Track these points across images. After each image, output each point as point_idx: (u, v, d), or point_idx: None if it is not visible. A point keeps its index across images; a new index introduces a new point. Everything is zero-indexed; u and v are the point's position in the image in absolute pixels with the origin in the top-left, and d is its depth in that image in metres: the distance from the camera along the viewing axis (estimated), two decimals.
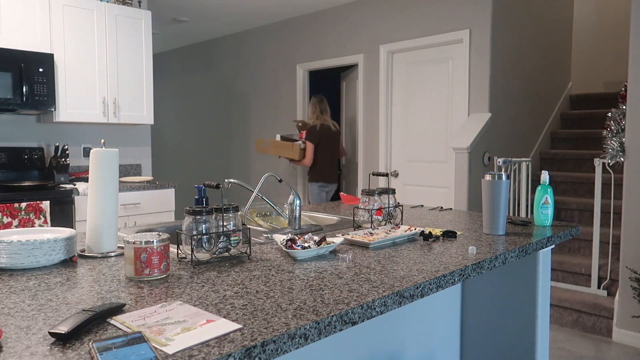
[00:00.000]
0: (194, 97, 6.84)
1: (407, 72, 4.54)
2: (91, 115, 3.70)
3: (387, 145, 4.68)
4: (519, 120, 4.46)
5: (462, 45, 4.12)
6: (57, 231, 1.43)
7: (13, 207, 3.01)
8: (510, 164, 3.95)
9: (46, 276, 1.22)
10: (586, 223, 3.98)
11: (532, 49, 4.55)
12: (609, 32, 5.60)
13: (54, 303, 1.02)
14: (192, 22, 5.61)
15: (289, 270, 1.28)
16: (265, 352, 0.84)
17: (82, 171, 3.92)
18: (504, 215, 1.79)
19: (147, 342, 0.81)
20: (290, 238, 1.46)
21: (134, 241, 1.19)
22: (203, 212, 1.35)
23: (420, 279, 1.22)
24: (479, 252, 1.49)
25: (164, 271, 1.22)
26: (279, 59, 5.60)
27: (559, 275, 3.73)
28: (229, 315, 0.95)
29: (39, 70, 3.36)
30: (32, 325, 0.90)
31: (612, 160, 3.23)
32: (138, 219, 3.64)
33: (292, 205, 1.89)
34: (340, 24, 4.98)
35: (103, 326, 0.90)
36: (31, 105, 3.36)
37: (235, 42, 6.11)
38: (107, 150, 1.43)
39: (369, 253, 1.49)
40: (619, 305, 3.17)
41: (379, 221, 1.87)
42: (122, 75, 3.86)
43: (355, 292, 1.11)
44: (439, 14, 4.24)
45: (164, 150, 7.26)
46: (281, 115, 5.63)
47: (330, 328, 0.96)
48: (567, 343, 3.19)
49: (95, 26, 3.70)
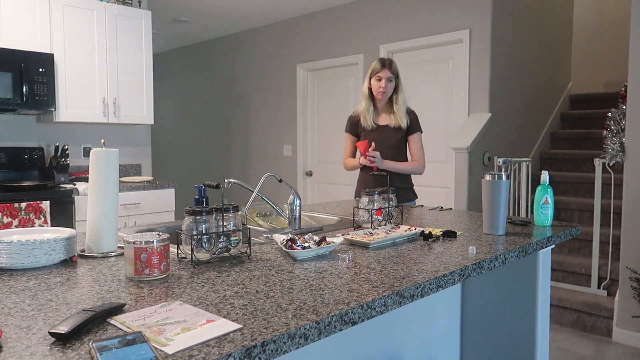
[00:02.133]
0: (194, 97, 6.84)
1: (407, 72, 4.54)
2: (91, 115, 3.70)
3: None
4: (519, 120, 4.46)
5: (462, 45, 4.12)
6: (57, 231, 1.43)
7: (13, 207, 3.01)
8: (510, 164, 3.95)
9: (46, 276, 1.22)
10: (586, 223, 3.98)
11: (532, 49, 4.55)
12: (609, 32, 5.60)
13: (54, 303, 1.02)
14: (192, 22, 5.61)
15: (289, 270, 1.28)
16: (265, 352, 0.84)
17: (82, 171, 3.92)
18: (504, 215, 1.79)
19: (147, 342, 0.81)
20: (290, 238, 1.46)
21: (134, 241, 1.19)
22: (203, 212, 1.35)
23: (420, 279, 1.22)
24: (479, 252, 1.49)
25: (164, 271, 1.22)
26: (279, 59, 5.60)
27: (559, 275, 3.73)
28: (229, 315, 0.95)
29: (39, 70, 3.36)
30: (32, 325, 0.90)
31: (612, 160, 3.23)
32: (138, 219, 3.64)
33: (292, 205, 1.89)
34: (340, 24, 4.98)
35: (103, 326, 0.90)
36: (31, 105, 3.36)
37: (235, 42, 6.11)
38: (107, 150, 1.43)
39: (369, 253, 1.49)
40: (619, 305, 3.17)
41: (379, 221, 1.87)
42: (122, 75, 3.86)
43: (355, 292, 1.11)
44: (439, 14, 4.24)
45: (164, 150, 7.26)
46: (281, 115, 5.63)
47: (330, 328, 0.96)
48: (567, 343, 3.19)
49: (95, 26, 3.70)
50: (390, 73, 2.69)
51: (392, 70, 2.69)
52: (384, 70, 2.68)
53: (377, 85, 2.70)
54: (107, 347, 0.78)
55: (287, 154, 5.59)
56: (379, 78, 2.69)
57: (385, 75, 2.68)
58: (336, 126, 5.18)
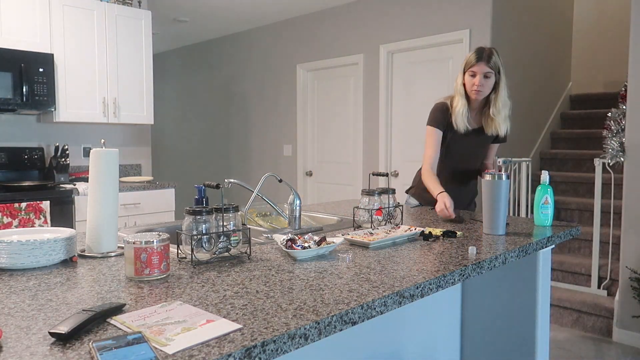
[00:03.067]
0: (194, 97, 6.84)
1: (407, 72, 4.54)
2: (91, 115, 3.70)
3: (387, 145, 4.67)
4: (519, 120, 4.45)
5: (462, 45, 4.12)
6: (57, 231, 1.43)
7: (13, 207, 3.01)
8: (510, 164, 3.95)
9: (46, 276, 1.22)
10: (586, 223, 3.98)
11: (532, 49, 4.55)
12: (609, 32, 5.60)
13: (54, 303, 1.02)
14: (192, 22, 5.61)
15: (289, 270, 1.28)
16: (265, 352, 0.84)
17: (82, 171, 3.92)
18: (504, 215, 1.79)
19: (147, 342, 0.81)
20: (290, 238, 1.46)
21: (134, 241, 1.19)
22: (203, 212, 1.35)
23: (420, 279, 1.22)
24: (479, 252, 1.49)
25: (164, 271, 1.22)
26: (279, 59, 5.60)
27: (559, 275, 3.72)
28: (229, 315, 0.95)
29: (39, 70, 3.36)
30: (32, 325, 0.90)
31: (612, 160, 3.23)
32: (138, 219, 3.64)
33: (292, 205, 1.89)
34: (340, 24, 4.98)
35: (103, 326, 0.90)
36: (31, 105, 3.36)
37: (235, 42, 6.11)
38: (107, 150, 1.43)
39: (369, 253, 1.49)
40: (619, 305, 3.17)
41: (379, 221, 1.87)
42: (122, 75, 3.86)
43: (355, 292, 1.11)
44: (439, 14, 4.24)
45: (164, 150, 7.26)
46: (281, 115, 5.63)
47: (330, 328, 0.96)
48: (567, 343, 3.19)
49: (95, 26, 3.70)
50: (488, 68, 2.14)
51: (490, 64, 2.14)
52: (479, 64, 2.14)
53: (471, 83, 2.18)
54: (107, 347, 0.78)
55: (287, 154, 5.59)
56: (473, 73, 2.17)
57: (482, 70, 2.14)
58: (336, 126, 5.18)
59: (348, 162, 5.11)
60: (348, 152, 5.10)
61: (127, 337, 0.82)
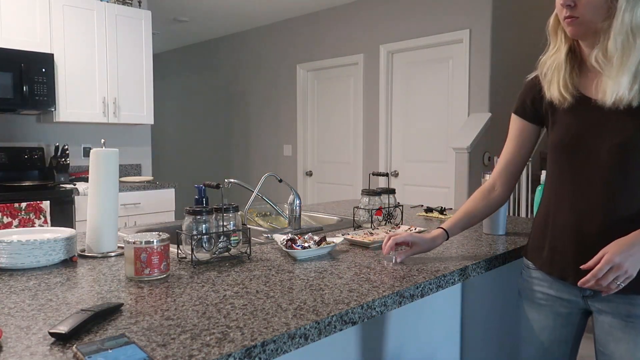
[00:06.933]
0: (194, 97, 6.84)
1: (407, 72, 4.54)
2: (91, 115, 3.70)
3: (387, 145, 4.68)
4: None
5: (462, 45, 4.12)
6: (57, 231, 1.43)
7: (13, 207, 3.01)
8: None
9: (46, 276, 1.22)
10: None
11: (532, 49, 4.54)
12: None
13: (54, 303, 1.02)
14: (192, 22, 5.61)
15: (289, 270, 1.29)
16: (265, 352, 0.84)
17: (82, 171, 3.92)
18: (504, 215, 1.79)
19: (134, 343, 0.80)
20: (290, 238, 1.46)
21: (134, 241, 1.19)
22: (203, 212, 1.35)
23: (420, 279, 1.22)
24: (479, 253, 1.49)
25: (164, 271, 1.22)
26: (279, 59, 5.60)
27: None
28: (229, 315, 0.95)
29: (39, 70, 3.36)
30: (32, 325, 0.90)
31: None
32: (138, 219, 3.64)
33: (292, 205, 1.89)
34: (340, 24, 4.98)
35: (103, 326, 0.90)
36: (31, 105, 3.36)
37: (235, 42, 6.11)
38: (107, 150, 1.43)
39: (369, 253, 1.49)
40: None
41: (379, 221, 1.87)
42: (122, 75, 3.86)
43: (355, 292, 1.11)
44: (439, 14, 4.24)
45: (164, 150, 7.26)
46: (281, 115, 5.63)
47: (330, 328, 0.96)
48: None
49: (95, 26, 3.70)
50: None
51: None
52: None
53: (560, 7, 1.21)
54: (92, 351, 0.77)
55: (287, 154, 5.59)
56: None
57: None
58: (336, 126, 5.18)
59: (348, 162, 5.11)
60: (348, 152, 5.10)
61: (113, 340, 0.81)
